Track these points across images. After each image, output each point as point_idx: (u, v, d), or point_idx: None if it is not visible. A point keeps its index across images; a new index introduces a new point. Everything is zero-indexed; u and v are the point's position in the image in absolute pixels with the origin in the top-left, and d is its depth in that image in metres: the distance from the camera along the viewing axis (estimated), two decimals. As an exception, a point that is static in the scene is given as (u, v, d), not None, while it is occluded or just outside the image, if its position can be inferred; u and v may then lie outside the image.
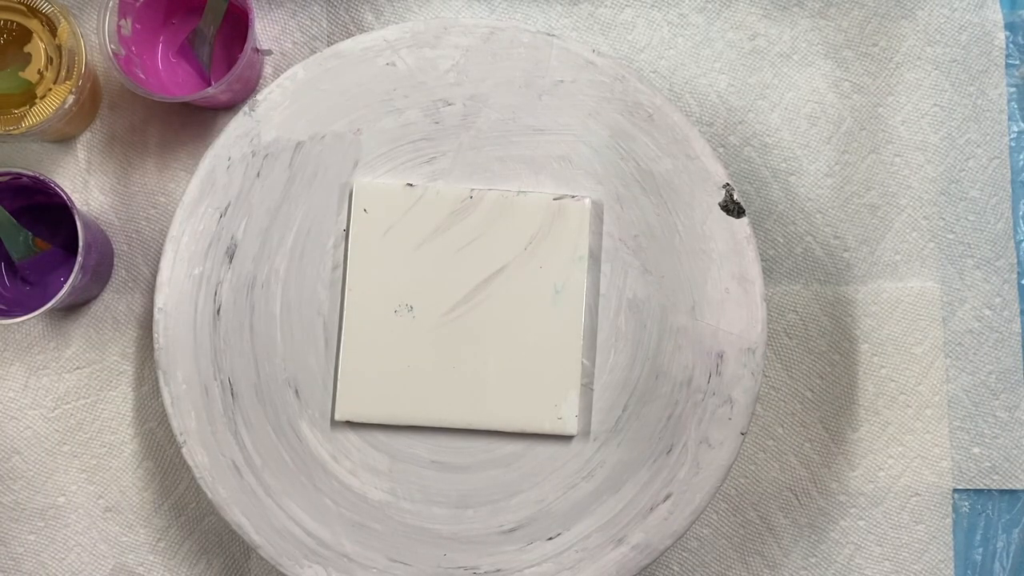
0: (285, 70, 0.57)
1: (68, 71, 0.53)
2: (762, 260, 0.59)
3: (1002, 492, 0.59)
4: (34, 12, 0.54)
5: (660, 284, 0.54)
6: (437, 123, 0.54)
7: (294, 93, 0.54)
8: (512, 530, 0.53)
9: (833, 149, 0.60)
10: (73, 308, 0.58)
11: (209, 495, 0.52)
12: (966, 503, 0.59)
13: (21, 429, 0.57)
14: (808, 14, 0.61)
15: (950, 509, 0.58)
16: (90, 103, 0.57)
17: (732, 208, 0.54)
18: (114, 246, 0.59)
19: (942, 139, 0.60)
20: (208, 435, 0.52)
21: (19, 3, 0.53)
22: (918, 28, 0.61)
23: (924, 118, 0.60)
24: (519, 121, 0.54)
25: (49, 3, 0.53)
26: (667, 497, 0.52)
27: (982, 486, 0.58)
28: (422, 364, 0.53)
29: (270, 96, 0.54)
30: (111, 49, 0.53)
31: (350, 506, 0.53)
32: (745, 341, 0.53)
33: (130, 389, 0.58)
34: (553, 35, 0.55)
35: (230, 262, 0.53)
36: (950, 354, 0.59)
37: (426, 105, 0.54)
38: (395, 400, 0.53)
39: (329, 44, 0.59)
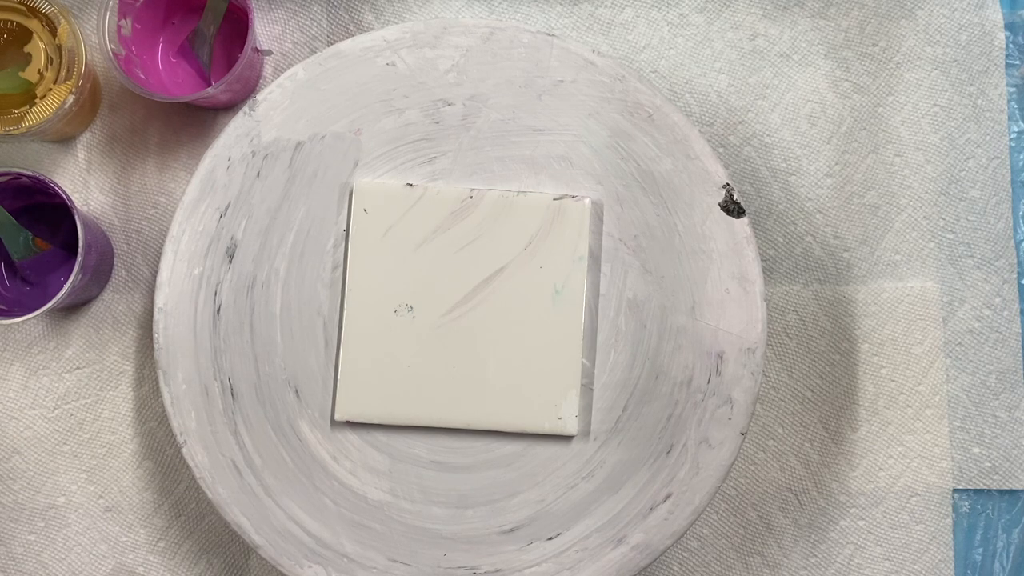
0: (285, 70, 0.57)
1: (68, 71, 0.53)
2: (762, 260, 0.59)
3: (1002, 492, 0.59)
4: (34, 12, 0.54)
5: (660, 284, 0.54)
6: (437, 123, 0.54)
7: (294, 93, 0.54)
8: (512, 530, 0.53)
9: (833, 149, 0.60)
10: (73, 308, 0.58)
11: (209, 495, 0.52)
12: (966, 503, 0.59)
13: (21, 429, 0.57)
14: (808, 14, 0.61)
15: (950, 509, 0.58)
16: (90, 103, 0.57)
17: (732, 208, 0.54)
18: (114, 246, 0.59)
19: (942, 139, 0.60)
20: (208, 435, 0.52)
21: (19, 3, 0.53)
22: (918, 28, 0.61)
23: (924, 118, 0.60)
24: (519, 121, 0.54)
25: (49, 3, 0.53)
26: (667, 497, 0.52)
27: (982, 486, 0.58)
28: (422, 364, 0.53)
29: (270, 96, 0.54)
30: (111, 49, 0.53)
31: (350, 506, 0.53)
32: (745, 341, 0.53)
33: (130, 389, 0.58)
34: (553, 35, 0.55)
35: (230, 262, 0.53)
36: (950, 354, 0.59)
37: (426, 105, 0.54)
38: (395, 400, 0.53)
39: (329, 44, 0.59)
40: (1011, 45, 0.61)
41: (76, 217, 0.51)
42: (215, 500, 0.52)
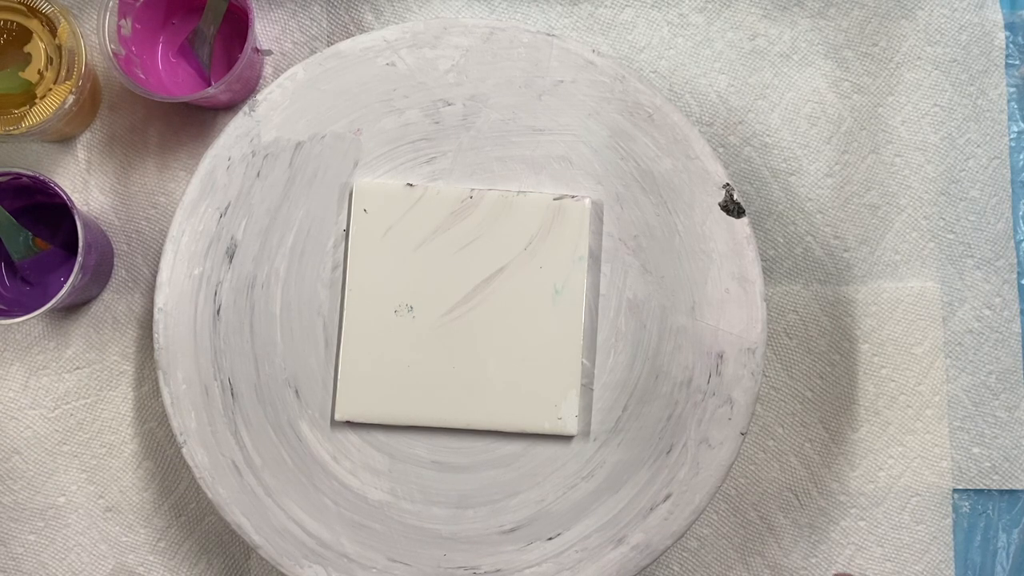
0: (285, 70, 0.57)
1: (68, 71, 0.53)
2: (762, 260, 0.59)
3: (1002, 492, 0.59)
4: (34, 12, 0.54)
5: (660, 284, 0.54)
6: (437, 123, 0.54)
7: (294, 93, 0.54)
8: (512, 530, 0.53)
9: (833, 149, 0.60)
10: (73, 308, 0.58)
11: (209, 495, 0.52)
12: (966, 503, 0.58)
13: (21, 429, 0.57)
14: (808, 14, 0.61)
15: (950, 509, 0.58)
16: (90, 103, 0.57)
17: (732, 208, 0.54)
18: (114, 246, 0.59)
19: (942, 139, 0.60)
20: (208, 435, 0.52)
21: (19, 3, 0.53)
22: (918, 28, 0.61)
23: (924, 118, 0.60)
24: (519, 121, 0.54)
25: (49, 3, 0.53)
26: (667, 497, 0.52)
27: (982, 486, 0.58)
28: (422, 364, 0.53)
29: (270, 96, 0.54)
30: (111, 49, 0.53)
31: (350, 506, 0.53)
32: (745, 341, 0.53)
33: (130, 389, 0.58)
34: (553, 35, 0.55)
35: (230, 262, 0.53)
36: (950, 354, 0.59)
37: (426, 105, 0.54)
38: (395, 400, 0.53)
39: (329, 44, 0.59)
40: (1011, 45, 0.61)
41: (76, 217, 0.51)
42: (215, 500, 0.52)
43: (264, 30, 0.60)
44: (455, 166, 0.54)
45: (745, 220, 0.54)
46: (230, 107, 0.59)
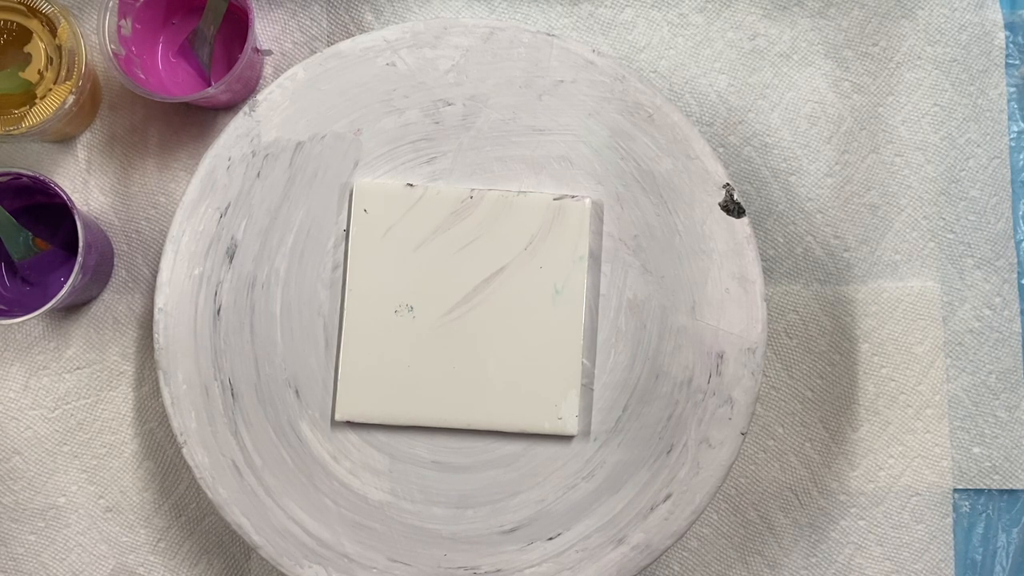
0: (285, 70, 0.57)
1: (68, 71, 0.53)
2: (762, 260, 0.59)
3: (1002, 492, 0.59)
4: (34, 12, 0.54)
5: (660, 284, 0.54)
6: (437, 123, 0.54)
7: (294, 93, 0.54)
8: (512, 530, 0.53)
9: (833, 149, 0.60)
10: (73, 308, 0.58)
11: (209, 495, 0.52)
12: (966, 503, 0.59)
13: (21, 429, 0.57)
14: (808, 14, 0.61)
15: (950, 509, 0.58)
16: (90, 103, 0.57)
17: (732, 208, 0.54)
18: (114, 246, 0.59)
19: (942, 139, 0.60)
20: (208, 435, 0.52)
21: (19, 3, 0.53)
22: (918, 28, 0.61)
23: (924, 118, 0.60)
24: (519, 121, 0.54)
25: (49, 3, 0.53)
26: (667, 497, 0.52)
27: (982, 486, 0.58)
28: (422, 364, 0.53)
29: (270, 96, 0.54)
30: (111, 49, 0.53)
31: (350, 506, 0.53)
32: (745, 341, 0.53)
33: (130, 389, 0.58)
34: (553, 35, 0.55)
35: (230, 262, 0.53)
36: (950, 354, 0.59)
37: (426, 105, 0.54)
38: (395, 400, 0.53)
39: (329, 44, 0.59)
40: (1011, 45, 0.61)
41: (76, 217, 0.51)
42: (215, 500, 0.52)
43: (264, 30, 0.60)
44: (455, 166, 0.54)
45: (745, 220, 0.54)
46: (230, 107, 0.59)
